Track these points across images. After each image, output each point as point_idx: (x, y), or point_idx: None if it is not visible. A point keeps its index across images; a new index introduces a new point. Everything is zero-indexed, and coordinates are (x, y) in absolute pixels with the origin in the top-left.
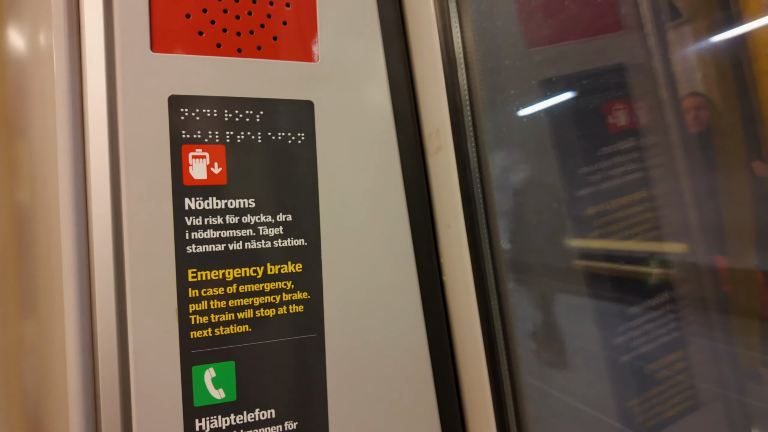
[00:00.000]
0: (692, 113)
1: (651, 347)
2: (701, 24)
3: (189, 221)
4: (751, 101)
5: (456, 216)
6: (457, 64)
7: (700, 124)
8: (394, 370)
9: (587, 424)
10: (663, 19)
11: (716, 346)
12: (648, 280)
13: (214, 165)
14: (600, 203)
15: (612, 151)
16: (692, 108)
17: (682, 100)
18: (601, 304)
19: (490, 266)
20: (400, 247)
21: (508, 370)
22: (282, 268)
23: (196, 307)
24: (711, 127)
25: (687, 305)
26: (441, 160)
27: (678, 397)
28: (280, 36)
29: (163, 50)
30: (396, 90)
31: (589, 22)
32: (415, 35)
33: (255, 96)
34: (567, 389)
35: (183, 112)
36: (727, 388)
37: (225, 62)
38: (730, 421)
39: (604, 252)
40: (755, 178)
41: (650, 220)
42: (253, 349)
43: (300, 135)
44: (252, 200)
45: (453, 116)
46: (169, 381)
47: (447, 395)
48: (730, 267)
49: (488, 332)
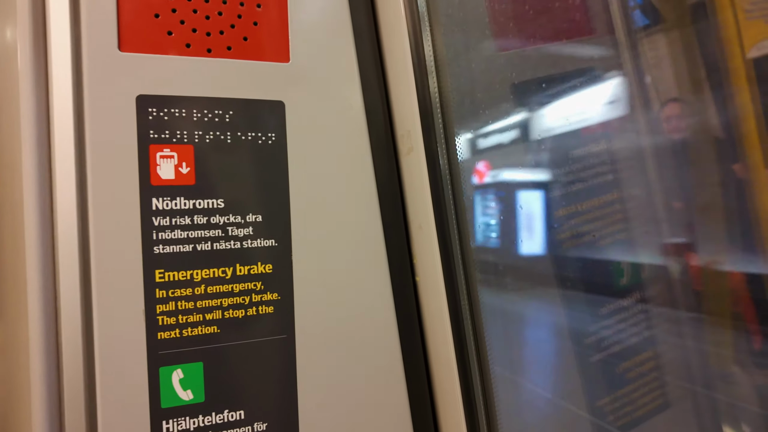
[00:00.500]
0: (672, 120)
1: (622, 346)
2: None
3: (156, 221)
4: (729, 106)
5: (427, 217)
6: (427, 66)
7: (679, 130)
8: (365, 371)
9: (558, 420)
10: (636, 24)
11: (687, 345)
12: (619, 280)
13: (182, 165)
14: (571, 204)
15: (584, 154)
16: (672, 114)
17: (662, 106)
18: (572, 304)
19: (460, 267)
20: (373, 248)
21: (478, 370)
22: (252, 269)
23: (163, 307)
24: (689, 132)
25: (658, 304)
26: (412, 161)
27: (648, 396)
28: (251, 36)
29: (131, 50)
30: (368, 91)
31: (560, 26)
32: (387, 37)
33: (225, 96)
34: (538, 387)
35: (151, 112)
36: (698, 387)
37: (194, 62)
38: (699, 420)
39: (576, 251)
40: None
41: (622, 220)
42: (222, 350)
43: (270, 135)
44: (221, 200)
45: (423, 118)
46: (136, 382)
47: (419, 396)
48: (702, 266)
49: (458, 332)
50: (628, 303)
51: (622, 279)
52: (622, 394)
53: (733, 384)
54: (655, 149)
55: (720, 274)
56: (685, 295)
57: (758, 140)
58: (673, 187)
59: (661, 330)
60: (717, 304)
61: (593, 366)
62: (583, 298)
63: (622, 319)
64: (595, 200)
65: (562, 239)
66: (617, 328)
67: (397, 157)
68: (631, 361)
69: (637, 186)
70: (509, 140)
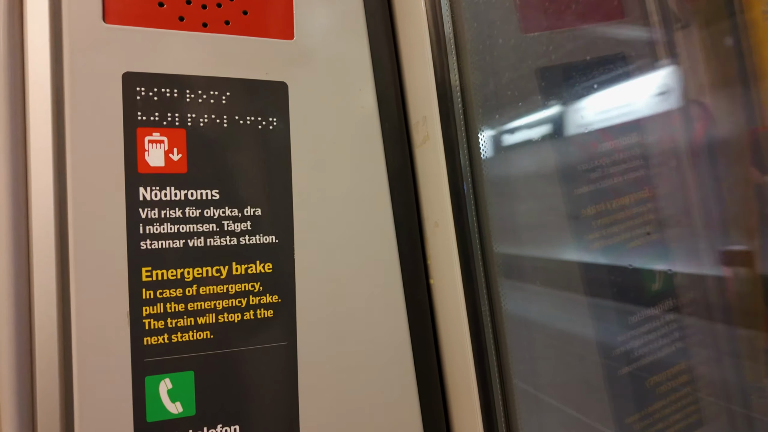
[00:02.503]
0: (696, 122)
1: (653, 358)
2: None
3: (144, 214)
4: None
5: (444, 213)
6: (447, 45)
7: (699, 134)
8: (374, 384)
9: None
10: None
11: (722, 358)
12: (651, 286)
13: (173, 151)
14: (600, 202)
15: (614, 147)
16: (696, 116)
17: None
18: (601, 311)
19: (481, 268)
20: (383, 247)
21: (499, 383)
22: (249, 268)
23: (150, 310)
24: (710, 135)
25: (691, 313)
26: (428, 152)
27: (681, 412)
28: (252, 10)
29: (117, 22)
30: (380, 72)
31: (590, 8)
32: (402, 13)
33: (221, 75)
34: (562, 403)
35: (139, 92)
36: (733, 403)
37: (188, 37)
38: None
39: (605, 255)
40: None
41: (653, 222)
42: (215, 358)
43: (272, 120)
44: (216, 191)
45: (441, 102)
46: (119, 393)
47: (433, 413)
48: (735, 274)
49: (478, 341)
50: (659, 311)
51: (653, 284)
52: (653, 410)
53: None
54: (690, 148)
55: (754, 281)
56: (722, 303)
57: None
58: (706, 189)
59: (694, 341)
60: (751, 313)
61: (622, 379)
62: (611, 304)
63: (653, 328)
64: (626, 198)
65: (591, 239)
66: (647, 338)
67: (411, 147)
68: (663, 374)
69: (670, 183)
70: (535, 128)
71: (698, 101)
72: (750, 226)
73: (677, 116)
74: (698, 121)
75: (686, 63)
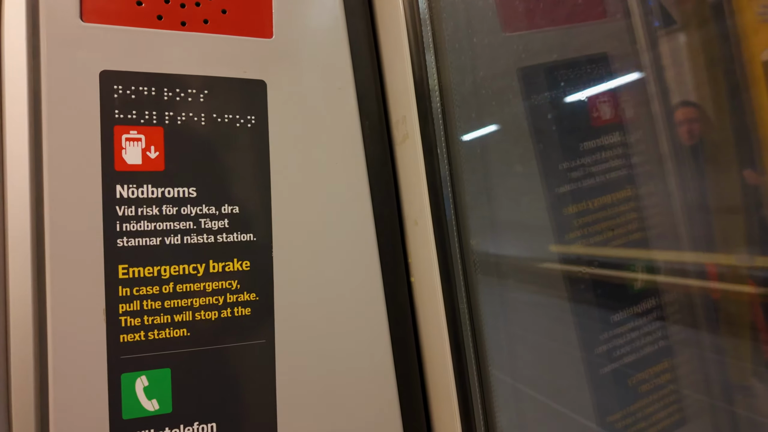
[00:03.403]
0: (685, 125)
1: (635, 357)
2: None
3: (120, 211)
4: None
5: (423, 211)
6: (425, 44)
7: (693, 136)
8: (352, 381)
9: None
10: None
11: (705, 356)
12: (633, 285)
13: (150, 149)
14: (581, 201)
15: (595, 146)
16: (685, 119)
17: (674, 111)
18: (581, 310)
19: (459, 266)
20: (363, 245)
21: (478, 383)
22: (227, 266)
23: (126, 307)
24: (703, 137)
25: (674, 313)
26: (408, 150)
27: (664, 411)
28: (230, 9)
29: (94, 20)
30: (360, 71)
31: (571, 8)
32: (382, 11)
33: (199, 74)
34: (544, 401)
35: (116, 90)
36: (717, 401)
37: (166, 36)
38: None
39: (585, 254)
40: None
41: (635, 221)
42: (192, 356)
43: (250, 118)
44: (193, 189)
45: (420, 102)
46: (95, 390)
47: (413, 407)
48: (719, 274)
49: (456, 340)
50: (641, 309)
51: (636, 283)
52: (635, 408)
53: (752, 397)
54: (673, 147)
55: (739, 281)
56: (703, 303)
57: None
58: (689, 189)
59: (677, 340)
60: (736, 313)
61: (604, 378)
62: (593, 302)
63: (635, 326)
64: (608, 197)
65: (571, 238)
66: (630, 336)
67: (392, 145)
68: (645, 372)
69: (653, 183)
70: (514, 127)
71: (689, 102)
72: (739, 228)
73: (662, 116)
74: (689, 123)
75: (675, 64)
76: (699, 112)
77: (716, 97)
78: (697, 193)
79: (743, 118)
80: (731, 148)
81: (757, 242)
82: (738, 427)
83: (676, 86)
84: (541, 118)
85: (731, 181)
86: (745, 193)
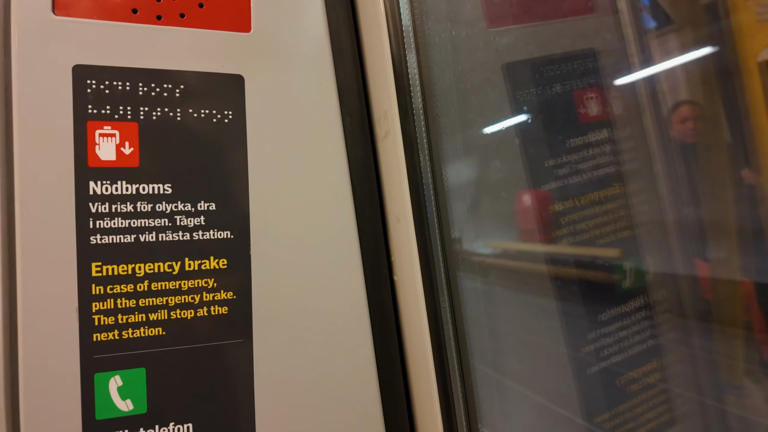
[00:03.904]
0: (683, 124)
1: (624, 356)
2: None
3: (94, 208)
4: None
5: (404, 208)
6: (405, 40)
7: (691, 135)
8: (333, 380)
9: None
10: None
11: (696, 356)
12: (621, 284)
13: (124, 144)
14: (567, 199)
15: (581, 143)
16: (683, 119)
17: (673, 110)
18: (567, 309)
19: (441, 264)
20: (344, 243)
21: (459, 377)
22: (203, 264)
23: (100, 305)
24: (701, 136)
25: (664, 312)
26: (389, 146)
27: (653, 411)
28: (207, 2)
29: (67, 14)
30: (341, 66)
31: (557, 3)
32: (363, 6)
33: (175, 68)
34: (529, 400)
35: (90, 84)
36: (708, 401)
37: (141, 30)
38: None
39: (571, 252)
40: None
41: (623, 218)
42: (167, 355)
43: (227, 113)
44: (168, 186)
45: (401, 98)
46: (67, 390)
47: (395, 407)
48: (712, 274)
49: (437, 340)
50: (630, 308)
51: (624, 282)
52: (624, 408)
53: (744, 397)
54: (663, 145)
55: (731, 281)
56: (694, 300)
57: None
58: (681, 186)
59: (667, 339)
60: (728, 313)
61: (591, 378)
62: (581, 301)
63: (623, 326)
64: (595, 194)
65: (557, 236)
66: (618, 335)
67: (375, 142)
68: (634, 372)
69: (642, 180)
70: (499, 125)
71: (686, 101)
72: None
73: (651, 113)
74: (684, 121)
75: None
76: (699, 110)
77: (710, 96)
78: (687, 192)
79: (738, 117)
80: (724, 148)
81: (749, 240)
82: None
83: (668, 85)
84: (527, 115)
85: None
86: (738, 193)
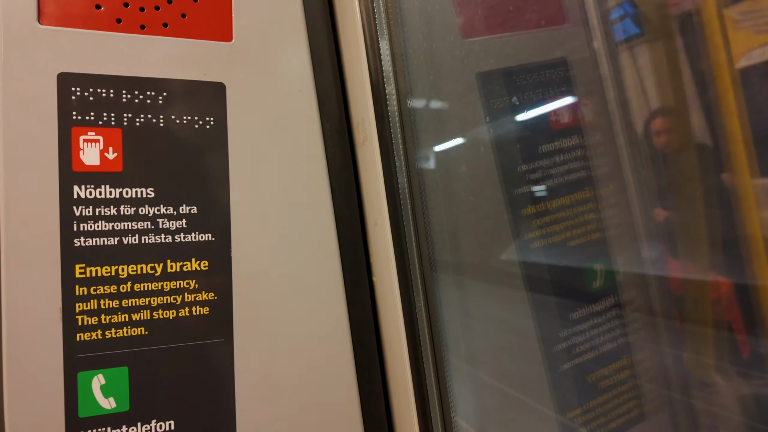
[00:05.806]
0: (660, 134)
1: (595, 354)
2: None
3: (78, 211)
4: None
5: (381, 212)
6: (381, 48)
7: (668, 144)
8: (313, 378)
9: (520, 424)
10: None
11: (666, 353)
12: (592, 284)
13: (108, 150)
14: (540, 203)
15: (553, 149)
16: (660, 129)
17: (650, 119)
18: (540, 308)
19: (417, 266)
20: (324, 246)
21: (434, 375)
22: (184, 266)
23: (83, 306)
24: (677, 144)
25: (634, 311)
26: (367, 152)
27: (623, 407)
28: (190, 13)
29: (52, 23)
30: (321, 74)
31: (530, 14)
32: (342, 16)
33: (158, 76)
34: (501, 396)
35: (74, 92)
36: (677, 397)
37: (125, 39)
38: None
39: (544, 253)
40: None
41: (594, 221)
42: (149, 354)
43: (209, 120)
44: (151, 189)
45: (377, 105)
46: (50, 389)
47: (373, 406)
48: (683, 271)
49: (413, 340)
50: (601, 308)
51: (594, 282)
52: (595, 404)
53: (715, 394)
54: (631, 151)
55: (702, 279)
56: (664, 300)
57: (744, 150)
58: (651, 188)
59: (637, 337)
60: (698, 311)
61: (563, 375)
62: (553, 301)
63: (594, 324)
64: (566, 198)
65: (530, 238)
66: (589, 334)
67: (354, 148)
68: (605, 369)
69: (612, 183)
70: (473, 132)
71: (665, 110)
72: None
73: (620, 120)
74: (660, 130)
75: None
76: (674, 120)
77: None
78: (656, 197)
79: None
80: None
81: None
82: (696, 421)
83: (639, 93)
84: (500, 121)
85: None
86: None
